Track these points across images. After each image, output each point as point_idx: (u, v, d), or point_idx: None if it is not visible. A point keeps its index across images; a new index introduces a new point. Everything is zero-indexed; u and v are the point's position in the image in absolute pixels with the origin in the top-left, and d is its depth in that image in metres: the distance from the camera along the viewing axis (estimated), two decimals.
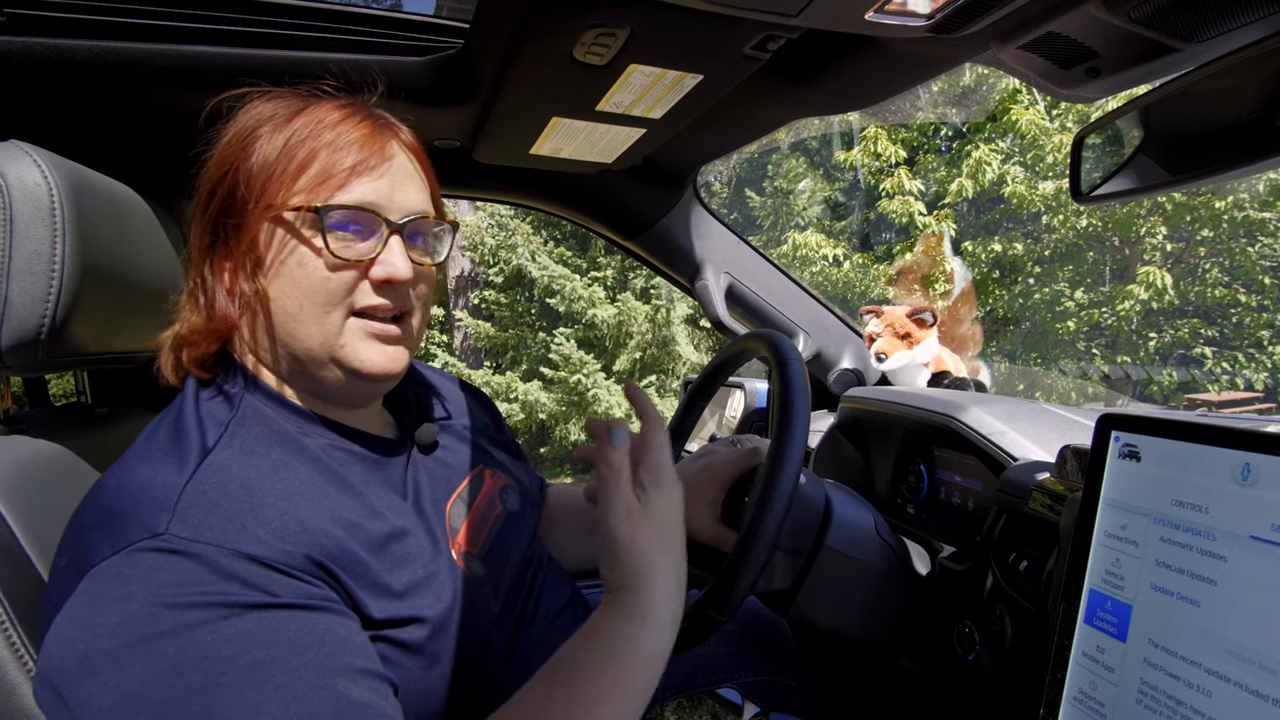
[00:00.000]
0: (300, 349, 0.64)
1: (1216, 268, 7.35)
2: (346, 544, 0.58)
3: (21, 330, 0.70)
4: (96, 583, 0.51)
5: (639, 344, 8.28)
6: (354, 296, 0.64)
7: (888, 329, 1.44)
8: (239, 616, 0.50)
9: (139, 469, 0.57)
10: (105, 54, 0.88)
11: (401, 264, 0.64)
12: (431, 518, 0.70)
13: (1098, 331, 7.91)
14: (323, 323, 0.63)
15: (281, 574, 0.53)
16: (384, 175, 0.65)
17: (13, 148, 0.72)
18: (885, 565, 0.87)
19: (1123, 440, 0.61)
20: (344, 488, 0.63)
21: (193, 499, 0.54)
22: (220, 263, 0.65)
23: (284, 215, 0.62)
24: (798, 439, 0.70)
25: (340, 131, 0.64)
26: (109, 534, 0.52)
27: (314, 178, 0.62)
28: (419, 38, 0.95)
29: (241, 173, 0.63)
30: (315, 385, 0.67)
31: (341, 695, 0.50)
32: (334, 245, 0.62)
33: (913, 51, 0.79)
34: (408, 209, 0.66)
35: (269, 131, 0.64)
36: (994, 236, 8.03)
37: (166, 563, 0.50)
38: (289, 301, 0.63)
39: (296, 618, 0.52)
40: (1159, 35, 0.60)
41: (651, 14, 0.69)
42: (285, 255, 0.63)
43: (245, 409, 0.63)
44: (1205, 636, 0.52)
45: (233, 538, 0.52)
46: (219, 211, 0.64)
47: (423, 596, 0.62)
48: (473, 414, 0.91)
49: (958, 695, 0.89)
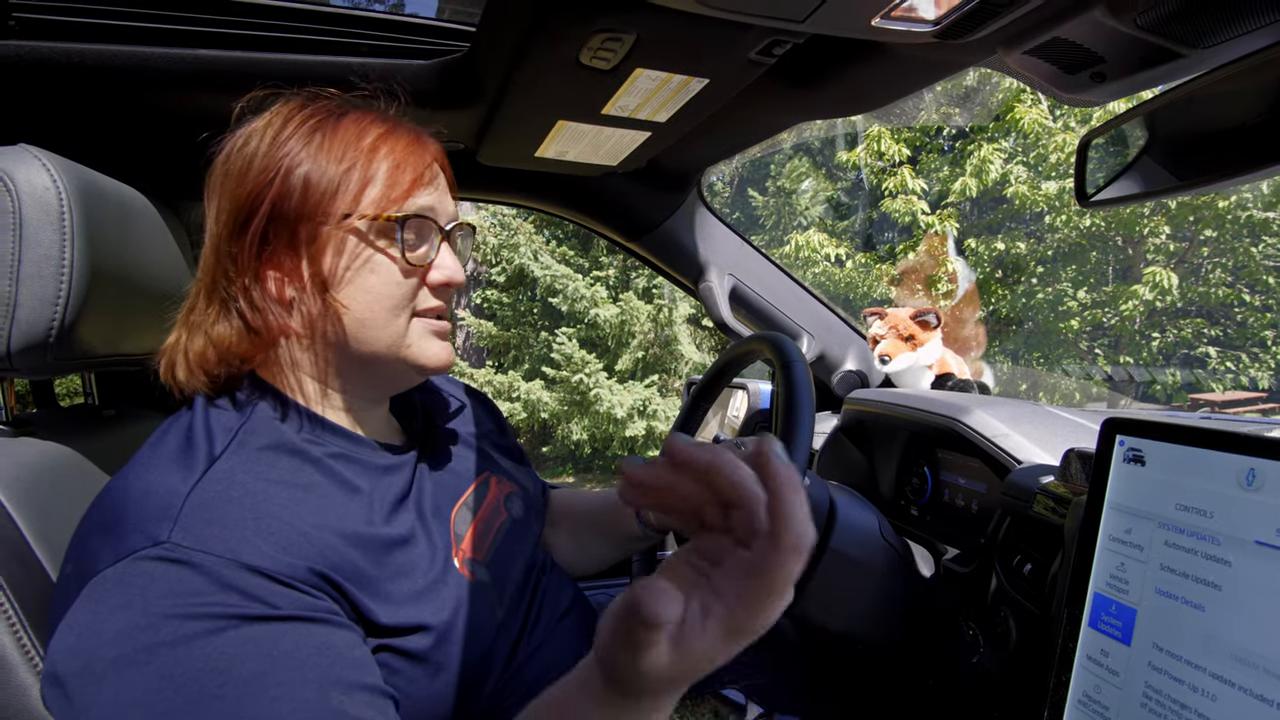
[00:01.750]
0: (368, 352, 0.67)
1: (1220, 268, 7.34)
2: (349, 554, 0.58)
3: (30, 333, 0.71)
4: (99, 590, 0.51)
5: (641, 343, 8.28)
6: (416, 301, 0.68)
7: (891, 331, 1.44)
8: (237, 628, 0.50)
9: (144, 476, 0.57)
10: (113, 58, 0.89)
11: (456, 267, 0.70)
12: (436, 525, 0.70)
13: (1101, 331, 7.90)
14: (390, 326, 0.67)
15: (282, 585, 0.53)
16: (434, 184, 0.69)
17: (22, 151, 0.72)
18: (889, 567, 0.87)
19: (1127, 444, 0.61)
20: (349, 495, 0.63)
21: (196, 507, 0.54)
22: (266, 272, 0.64)
23: (358, 226, 0.64)
24: (803, 440, 0.71)
25: (394, 145, 0.66)
26: (113, 541, 0.53)
27: (382, 190, 0.65)
28: (425, 41, 0.95)
29: (294, 181, 0.63)
30: (364, 382, 0.70)
31: (339, 710, 0.50)
32: (407, 254, 0.66)
33: (918, 56, 0.79)
34: (452, 215, 0.71)
35: (321, 141, 0.64)
36: (997, 236, 8.02)
37: (167, 572, 0.50)
38: (360, 308, 0.65)
39: (296, 630, 0.52)
40: (1165, 41, 0.60)
41: (658, 19, 0.69)
42: (359, 264, 0.65)
43: (255, 417, 0.64)
44: (1210, 641, 0.52)
45: (234, 547, 0.52)
46: (268, 219, 0.63)
47: (426, 604, 0.62)
48: (478, 420, 0.92)
49: (961, 697, 0.89)
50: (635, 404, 7.99)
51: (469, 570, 0.69)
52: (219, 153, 0.66)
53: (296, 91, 0.68)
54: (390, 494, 0.68)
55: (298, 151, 0.63)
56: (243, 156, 0.64)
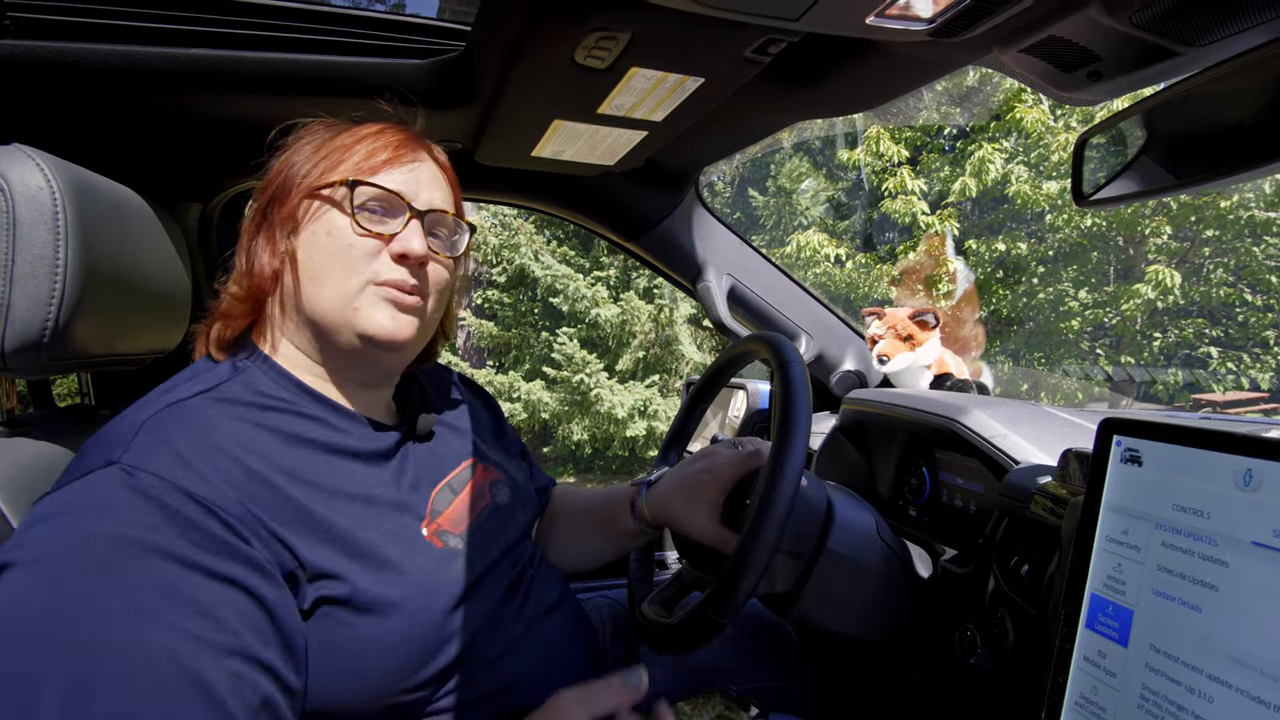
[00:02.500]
0: (318, 310, 0.69)
1: (1221, 268, 7.33)
2: (294, 494, 0.61)
3: (24, 333, 0.71)
4: (46, 501, 0.55)
5: (642, 343, 8.29)
6: (375, 267, 0.70)
7: (890, 331, 1.43)
8: (153, 560, 0.51)
9: (124, 415, 0.62)
10: (108, 57, 0.89)
11: (417, 241, 0.70)
12: (411, 497, 0.72)
13: (1102, 331, 7.89)
14: (343, 286, 0.69)
15: (215, 518, 0.55)
16: (412, 172, 0.73)
17: (15, 151, 0.72)
18: (887, 568, 0.87)
19: (1124, 445, 0.61)
20: (312, 448, 0.66)
21: (150, 430, 0.58)
22: (256, 240, 0.72)
23: (321, 191, 0.70)
24: (799, 441, 0.70)
25: (381, 134, 0.74)
26: (74, 468, 0.58)
27: (352, 165, 0.71)
28: (420, 40, 0.95)
29: (290, 172, 0.72)
30: (331, 354, 0.72)
31: (194, 671, 0.49)
32: (361, 219, 0.69)
33: (914, 55, 0.79)
34: (430, 203, 0.73)
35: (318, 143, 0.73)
36: (998, 236, 8.02)
37: (110, 489, 0.53)
38: (313, 265, 0.69)
39: (197, 581, 0.52)
40: (1161, 39, 0.60)
41: (652, 18, 0.69)
42: (316, 222, 0.70)
43: (245, 373, 0.69)
44: (1207, 642, 0.52)
45: (177, 472, 0.55)
46: (269, 200, 0.72)
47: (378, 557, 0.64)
48: (474, 411, 0.93)
49: (958, 698, 0.89)
50: (636, 404, 8.00)
51: (438, 539, 0.71)
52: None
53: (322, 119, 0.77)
54: (363, 459, 0.70)
55: (302, 149, 0.73)
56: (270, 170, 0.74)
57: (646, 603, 0.86)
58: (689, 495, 0.86)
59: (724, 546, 0.84)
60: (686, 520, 0.86)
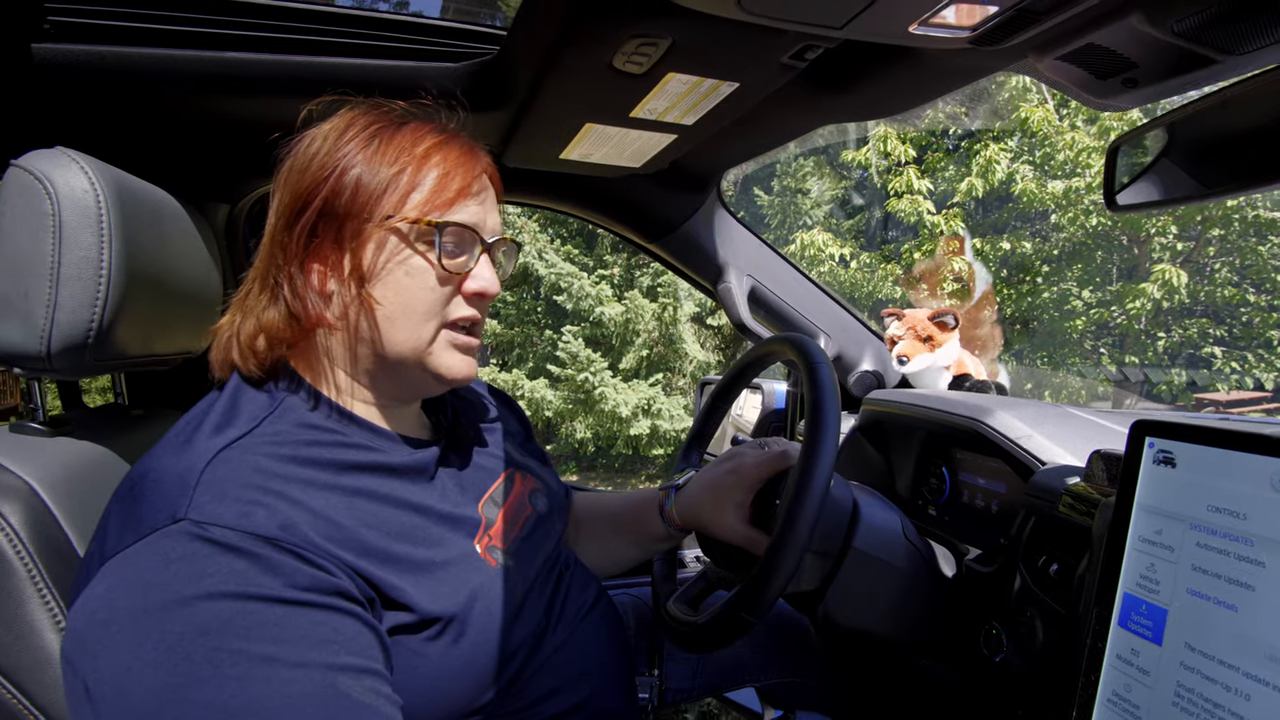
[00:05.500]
0: (392, 352, 0.68)
1: (1226, 267, 7.32)
2: (360, 529, 0.60)
3: (70, 334, 0.72)
4: (118, 566, 0.52)
5: (646, 342, 8.28)
6: (448, 309, 0.69)
7: (909, 331, 1.44)
8: (250, 607, 0.51)
9: (166, 457, 0.59)
10: (144, 61, 0.89)
11: (492, 279, 0.71)
12: (459, 513, 0.71)
13: (1105, 331, 7.88)
14: (418, 331, 0.68)
15: (296, 559, 0.54)
16: (483, 202, 0.71)
17: (60, 155, 0.73)
18: (912, 567, 0.88)
19: (1157, 446, 0.61)
20: (369, 479, 0.65)
21: (210, 482, 0.55)
22: (311, 264, 0.67)
23: (399, 227, 0.66)
24: (830, 443, 0.71)
25: (446, 154, 0.69)
26: (133, 521, 0.54)
27: (427, 195, 0.67)
28: (455, 44, 0.96)
29: (346, 181, 0.65)
30: (390, 383, 0.71)
31: (344, 694, 0.51)
32: (443, 260, 0.67)
33: (948, 61, 0.79)
34: (495, 230, 0.73)
35: (378, 146, 0.67)
36: (1003, 235, 8.00)
37: (184, 547, 0.52)
38: (392, 307, 0.67)
39: (308, 614, 0.53)
40: (1200, 48, 0.61)
41: (693, 25, 0.69)
42: (395, 264, 0.66)
43: (284, 405, 0.66)
44: (1243, 640, 0.53)
45: (248, 521, 0.54)
46: (319, 215, 0.66)
47: (443, 584, 0.64)
48: (504, 420, 0.93)
49: (984, 696, 0.90)
50: (639, 402, 8.00)
51: (491, 556, 0.71)
52: (288, 152, 0.69)
53: (362, 100, 0.71)
54: (415, 484, 0.69)
55: (354, 154, 0.66)
56: (305, 155, 0.67)
57: (672, 601, 0.87)
58: (717, 497, 0.87)
59: (753, 546, 0.85)
60: (716, 522, 0.87)
